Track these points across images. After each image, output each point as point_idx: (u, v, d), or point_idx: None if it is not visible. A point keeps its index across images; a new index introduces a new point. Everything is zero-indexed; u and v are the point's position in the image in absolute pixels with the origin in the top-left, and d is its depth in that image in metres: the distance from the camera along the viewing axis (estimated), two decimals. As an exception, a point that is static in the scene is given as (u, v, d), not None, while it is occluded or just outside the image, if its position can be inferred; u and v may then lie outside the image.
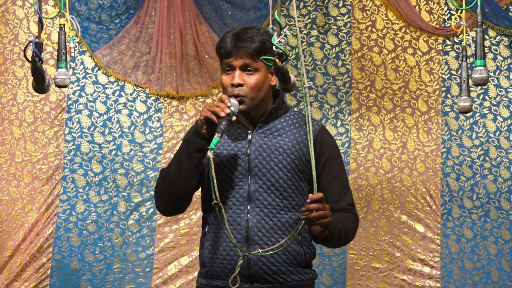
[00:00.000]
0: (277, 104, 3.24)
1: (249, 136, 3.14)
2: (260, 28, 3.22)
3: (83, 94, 5.79)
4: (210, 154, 2.96)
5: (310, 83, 3.41)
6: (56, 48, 3.92)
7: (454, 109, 5.87)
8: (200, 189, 3.20)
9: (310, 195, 2.92)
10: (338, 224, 3.06)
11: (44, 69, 4.03)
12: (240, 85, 3.10)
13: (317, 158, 3.15)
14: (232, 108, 3.02)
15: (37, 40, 3.86)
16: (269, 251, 3.04)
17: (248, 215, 3.10)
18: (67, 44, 3.97)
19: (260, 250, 3.04)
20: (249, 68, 3.13)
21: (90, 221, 5.73)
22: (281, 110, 3.26)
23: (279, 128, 3.21)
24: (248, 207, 3.10)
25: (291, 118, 3.27)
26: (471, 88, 4.35)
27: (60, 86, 3.91)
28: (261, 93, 3.17)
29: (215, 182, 2.95)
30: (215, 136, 2.96)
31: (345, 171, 3.21)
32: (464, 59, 4.30)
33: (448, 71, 5.91)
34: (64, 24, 3.92)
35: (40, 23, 3.89)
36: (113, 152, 5.78)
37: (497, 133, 5.87)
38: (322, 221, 2.93)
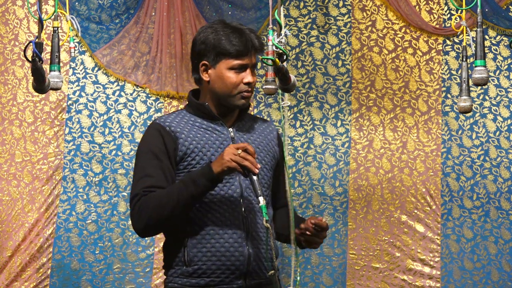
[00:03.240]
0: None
1: (231, 134, 3.15)
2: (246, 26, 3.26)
3: (83, 94, 5.79)
4: (267, 224, 2.97)
5: (288, 103, 3.46)
6: (51, 49, 3.92)
7: (454, 109, 5.87)
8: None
9: (323, 220, 3.14)
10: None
11: (44, 69, 4.03)
12: (253, 82, 3.17)
13: (277, 154, 3.26)
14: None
15: (37, 40, 3.86)
16: (263, 249, 3.12)
17: (243, 211, 3.11)
18: (66, 44, 3.97)
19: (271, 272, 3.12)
20: (254, 69, 3.20)
21: (90, 221, 5.73)
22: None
23: (250, 126, 3.24)
24: (242, 203, 3.11)
25: (251, 117, 3.31)
26: (471, 88, 4.35)
27: (52, 89, 3.92)
28: None
29: (272, 253, 3.03)
30: (262, 202, 2.95)
31: None
32: (464, 59, 4.30)
33: (448, 71, 5.91)
34: (58, 27, 3.92)
35: (40, 23, 3.89)
36: (113, 152, 5.78)
37: (497, 133, 5.87)
38: (318, 242, 3.16)
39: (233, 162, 2.95)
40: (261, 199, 2.94)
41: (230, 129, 3.16)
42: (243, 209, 3.10)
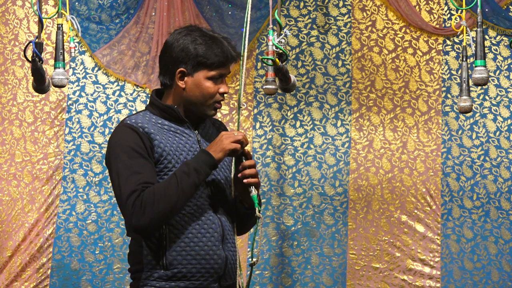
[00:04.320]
0: None
1: (197, 137, 3.15)
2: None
3: (83, 94, 5.79)
4: (259, 214, 3.04)
5: (245, 105, 3.48)
6: (55, 46, 3.92)
7: (454, 109, 5.87)
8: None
9: (244, 162, 3.05)
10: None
11: (44, 69, 4.03)
12: (226, 93, 3.18)
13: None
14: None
15: (37, 40, 3.87)
16: (236, 251, 3.16)
17: (217, 214, 3.11)
18: (66, 44, 3.97)
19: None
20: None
21: (90, 221, 5.73)
22: None
23: (209, 128, 3.25)
24: (217, 206, 3.12)
25: (212, 122, 3.33)
26: (471, 88, 4.35)
27: (57, 86, 3.90)
28: None
29: (259, 244, 3.08)
30: (254, 193, 3.04)
31: None
32: (464, 59, 4.30)
33: (448, 71, 5.91)
34: (62, 24, 3.92)
35: (40, 23, 3.89)
36: (113, 152, 5.77)
37: (497, 133, 5.87)
38: (252, 181, 3.04)
39: (233, 144, 3.01)
40: (252, 188, 3.03)
41: (196, 132, 3.16)
42: (218, 212, 3.12)
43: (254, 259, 3.09)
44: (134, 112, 5.82)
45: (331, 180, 5.87)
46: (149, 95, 5.18)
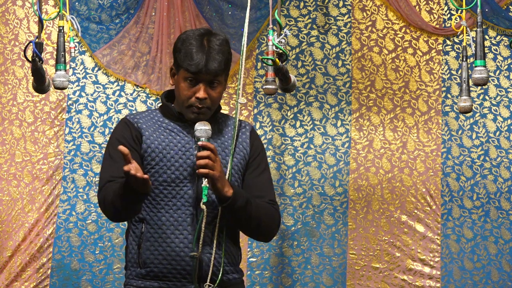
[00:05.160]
0: (218, 107, 3.25)
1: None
2: (218, 34, 3.20)
3: (83, 94, 5.79)
4: (203, 206, 3.01)
5: (244, 100, 3.45)
6: (56, 48, 3.92)
7: (454, 109, 5.87)
8: None
9: (196, 153, 3.00)
10: (253, 208, 3.09)
11: (44, 69, 4.03)
12: (205, 98, 3.11)
13: (250, 152, 3.22)
14: (205, 135, 3.05)
15: (37, 40, 3.87)
16: (217, 255, 3.11)
17: (197, 216, 3.09)
18: (66, 44, 3.97)
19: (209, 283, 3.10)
20: (215, 83, 3.14)
21: (90, 221, 5.73)
22: (217, 111, 3.28)
23: (218, 129, 3.22)
24: (198, 210, 3.10)
25: (224, 120, 3.27)
26: (471, 88, 4.35)
27: (58, 88, 3.91)
28: (219, 102, 3.21)
29: (202, 234, 3.02)
30: (205, 184, 2.99)
31: (270, 172, 3.29)
32: (464, 59, 4.30)
33: (448, 71, 5.91)
34: (63, 26, 3.92)
35: (40, 23, 3.89)
36: (113, 152, 5.78)
37: (497, 133, 5.87)
38: (208, 172, 2.97)
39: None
40: (204, 180, 2.99)
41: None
42: (196, 214, 3.10)
43: (194, 253, 3.05)
44: (134, 111, 5.82)
45: (331, 180, 5.87)
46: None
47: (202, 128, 3.06)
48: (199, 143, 3.02)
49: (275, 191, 3.29)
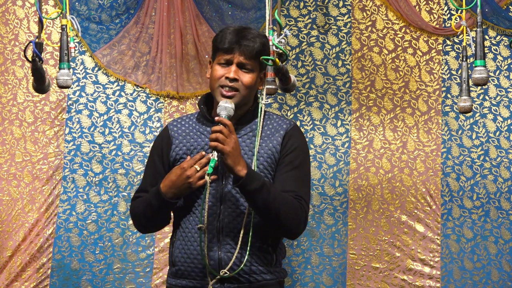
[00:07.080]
0: (254, 107, 3.26)
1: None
2: (257, 30, 3.28)
3: (83, 94, 5.79)
4: (207, 178, 3.05)
5: (267, 101, 3.45)
6: (56, 48, 3.92)
7: (454, 109, 5.87)
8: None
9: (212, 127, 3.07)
10: (271, 195, 3.07)
11: (44, 69, 4.03)
12: (235, 80, 3.14)
13: (281, 150, 3.21)
14: (224, 113, 3.10)
15: (37, 40, 3.87)
16: (239, 254, 3.13)
17: (220, 216, 3.14)
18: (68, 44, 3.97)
19: (226, 271, 3.13)
20: (247, 67, 3.17)
21: (90, 221, 5.73)
22: (255, 113, 3.28)
23: (251, 130, 3.24)
24: (221, 207, 3.14)
25: (267, 123, 3.28)
26: (471, 88, 4.35)
27: (62, 87, 3.91)
28: (251, 92, 3.22)
29: (206, 206, 3.08)
30: (212, 156, 3.03)
31: (306, 171, 3.25)
32: (464, 59, 4.30)
33: (448, 71, 5.91)
34: (66, 25, 3.92)
35: (40, 23, 3.89)
36: (113, 152, 5.78)
37: (497, 133, 5.87)
38: (217, 145, 3.01)
39: (180, 181, 3.17)
40: (214, 153, 3.04)
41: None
42: (220, 214, 3.14)
43: (201, 225, 3.11)
44: (134, 111, 5.82)
45: (331, 180, 5.87)
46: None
47: (223, 105, 3.11)
48: (216, 118, 3.06)
49: (309, 190, 3.25)
